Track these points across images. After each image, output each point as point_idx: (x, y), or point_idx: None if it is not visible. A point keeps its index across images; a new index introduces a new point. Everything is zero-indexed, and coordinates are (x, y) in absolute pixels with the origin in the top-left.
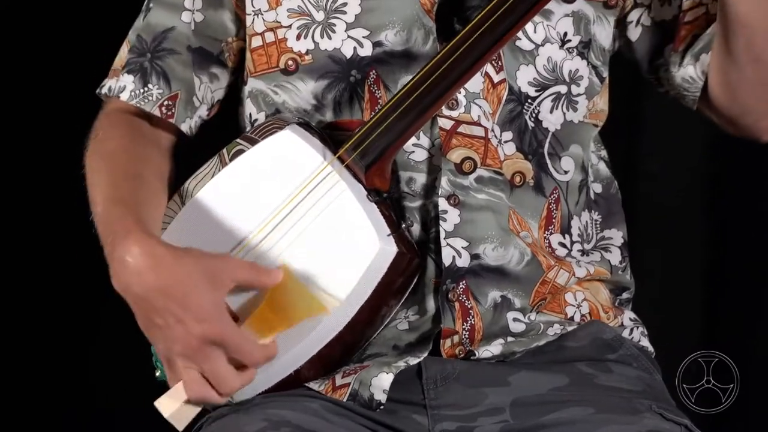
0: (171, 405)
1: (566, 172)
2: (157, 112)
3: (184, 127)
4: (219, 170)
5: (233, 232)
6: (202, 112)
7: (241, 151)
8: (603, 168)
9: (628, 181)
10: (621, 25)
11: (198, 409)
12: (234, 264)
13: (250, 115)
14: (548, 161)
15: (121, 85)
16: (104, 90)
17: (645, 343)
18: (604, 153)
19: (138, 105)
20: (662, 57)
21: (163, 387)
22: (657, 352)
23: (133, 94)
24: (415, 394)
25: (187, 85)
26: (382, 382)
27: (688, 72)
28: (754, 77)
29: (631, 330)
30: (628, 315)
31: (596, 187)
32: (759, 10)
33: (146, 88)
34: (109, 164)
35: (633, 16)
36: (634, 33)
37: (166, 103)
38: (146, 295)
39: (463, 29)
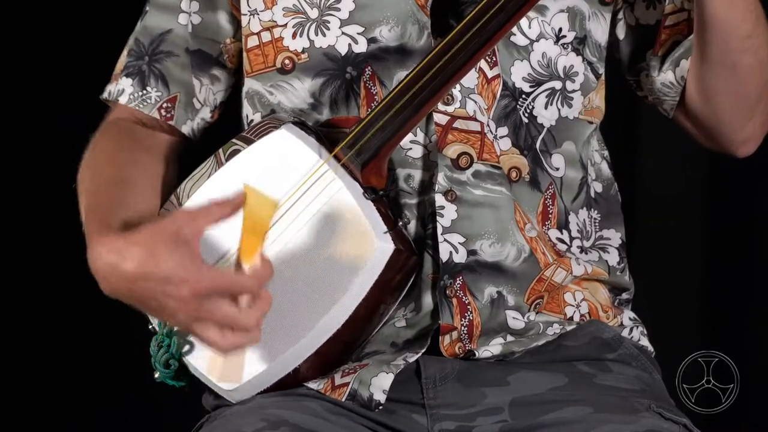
0: (215, 371)
1: (557, 169)
2: (156, 115)
3: (185, 129)
4: (215, 170)
5: (230, 233)
6: (205, 114)
7: (236, 151)
8: (605, 168)
9: (628, 181)
10: (613, 21)
11: (242, 360)
12: (188, 216)
13: (247, 116)
14: (541, 157)
15: (120, 89)
16: (105, 94)
17: (644, 342)
18: (606, 153)
19: (137, 108)
20: (644, 60)
21: (164, 388)
22: (657, 352)
23: (131, 97)
24: (414, 393)
25: (186, 88)
26: (381, 382)
27: (667, 77)
28: (730, 85)
29: (631, 329)
30: (628, 314)
31: (597, 186)
32: (734, 16)
33: (144, 91)
34: (93, 172)
35: (621, 14)
36: (621, 31)
37: (165, 105)
38: (130, 288)
39: (457, 25)
